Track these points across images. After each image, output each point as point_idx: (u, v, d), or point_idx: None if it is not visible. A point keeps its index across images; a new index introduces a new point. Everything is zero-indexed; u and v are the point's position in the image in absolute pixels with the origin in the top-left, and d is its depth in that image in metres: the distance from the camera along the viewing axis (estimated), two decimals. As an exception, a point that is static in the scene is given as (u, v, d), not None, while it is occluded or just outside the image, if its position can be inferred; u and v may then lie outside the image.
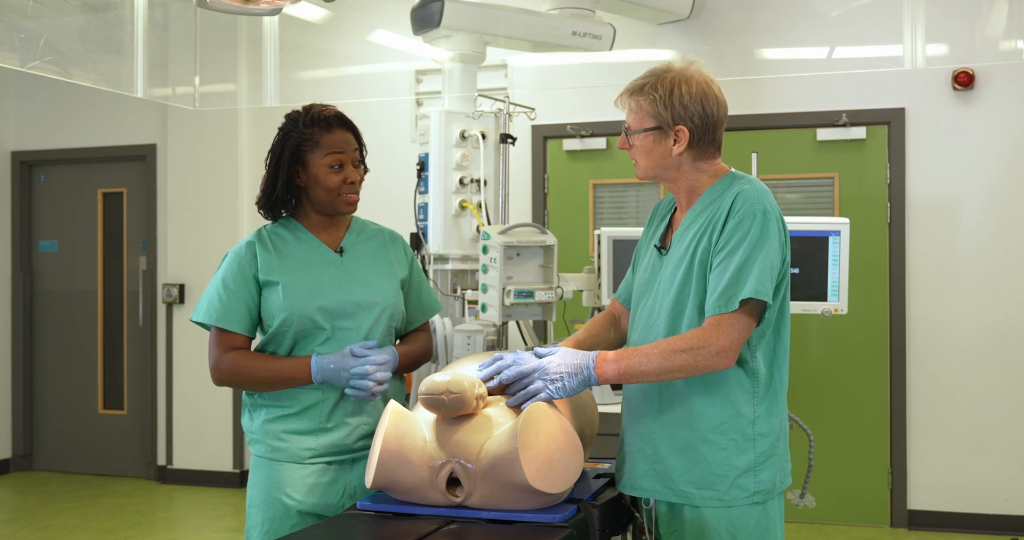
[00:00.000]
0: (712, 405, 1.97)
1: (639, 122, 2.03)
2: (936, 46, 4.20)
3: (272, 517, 2.23)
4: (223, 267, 2.28)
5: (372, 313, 2.28)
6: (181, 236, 6.02)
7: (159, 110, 6.05)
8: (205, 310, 2.25)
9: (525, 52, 4.45)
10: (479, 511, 1.90)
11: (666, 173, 2.06)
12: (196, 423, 5.99)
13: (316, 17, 4.35)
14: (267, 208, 2.32)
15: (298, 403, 2.24)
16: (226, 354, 2.24)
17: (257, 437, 2.28)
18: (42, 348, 6.49)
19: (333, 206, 2.30)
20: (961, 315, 4.83)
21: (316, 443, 2.24)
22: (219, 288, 2.25)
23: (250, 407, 2.31)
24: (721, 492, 1.96)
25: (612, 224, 5.23)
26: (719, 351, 1.88)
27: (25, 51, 3.15)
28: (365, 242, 2.38)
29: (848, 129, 4.94)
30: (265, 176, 2.32)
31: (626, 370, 1.92)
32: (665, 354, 1.90)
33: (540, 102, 4.35)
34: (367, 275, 2.32)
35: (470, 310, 3.41)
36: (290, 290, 2.22)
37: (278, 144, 2.30)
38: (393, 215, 5.07)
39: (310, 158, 2.26)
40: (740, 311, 1.90)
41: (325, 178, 2.26)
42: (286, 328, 2.23)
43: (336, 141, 2.28)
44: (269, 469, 2.26)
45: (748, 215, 1.93)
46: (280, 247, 2.29)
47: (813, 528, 4.93)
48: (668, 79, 2.01)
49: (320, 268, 2.28)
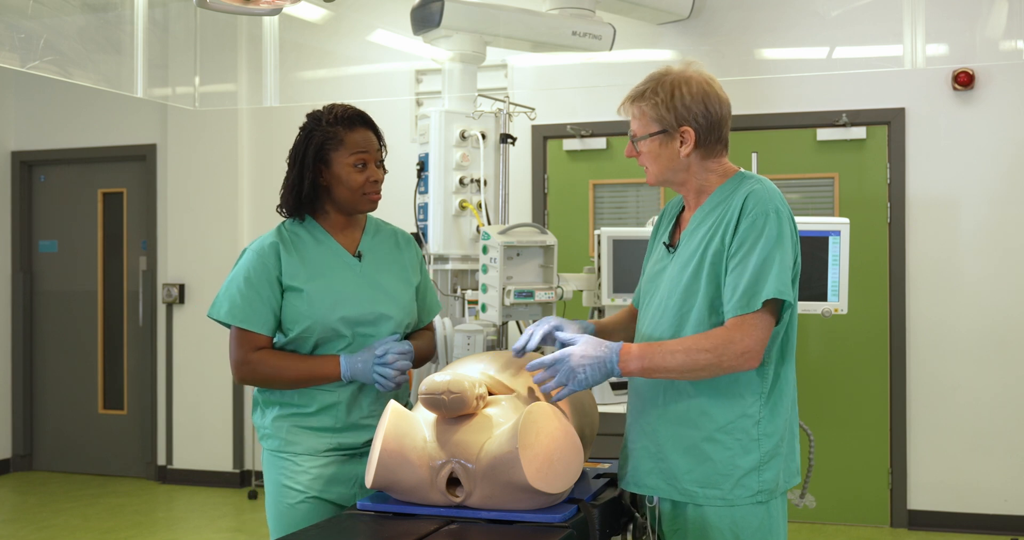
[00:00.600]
0: (719, 405, 1.97)
1: (644, 128, 2.04)
2: (936, 46, 4.20)
3: (286, 508, 2.26)
4: (245, 265, 2.26)
5: (392, 322, 2.31)
6: (181, 236, 6.02)
7: (159, 110, 6.05)
8: (228, 309, 2.24)
9: (525, 52, 4.44)
10: (479, 511, 1.91)
11: (676, 176, 2.06)
12: (196, 423, 5.99)
13: (316, 17, 4.35)
14: (293, 208, 2.30)
15: (315, 403, 2.27)
16: (252, 354, 2.24)
17: (270, 432, 2.30)
18: (42, 348, 6.49)
19: (356, 205, 2.30)
20: (961, 315, 4.83)
21: (330, 441, 2.27)
22: (241, 287, 2.24)
23: (263, 404, 2.33)
24: (725, 491, 1.96)
25: (612, 224, 5.23)
26: (743, 352, 1.89)
27: (25, 51, 3.15)
28: (380, 245, 2.39)
29: (848, 129, 4.94)
30: (289, 176, 2.30)
31: (650, 366, 1.93)
32: (690, 352, 1.90)
33: (540, 102, 4.35)
34: (386, 283, 2.34)
35: (470, 310, 3.40)
36: (314, 298, 2.23)
37: (301, 143, 2.28)
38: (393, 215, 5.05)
39: (334, 157, 2.26)
40: (762, 311, 1.90)
41: (349, 177, 2.26)
42: (308, 335, 2.25)
43: (359, 140, 2.27)
44: (282, 462, 2.28)
45: (761, 215, 1.93)
46: (301, 249, 2.28)
47: (813, 528, 4.93)
48: (668, 82, 2.02)
49: (341, 275, 2.29)
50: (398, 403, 2.06)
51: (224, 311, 2.24)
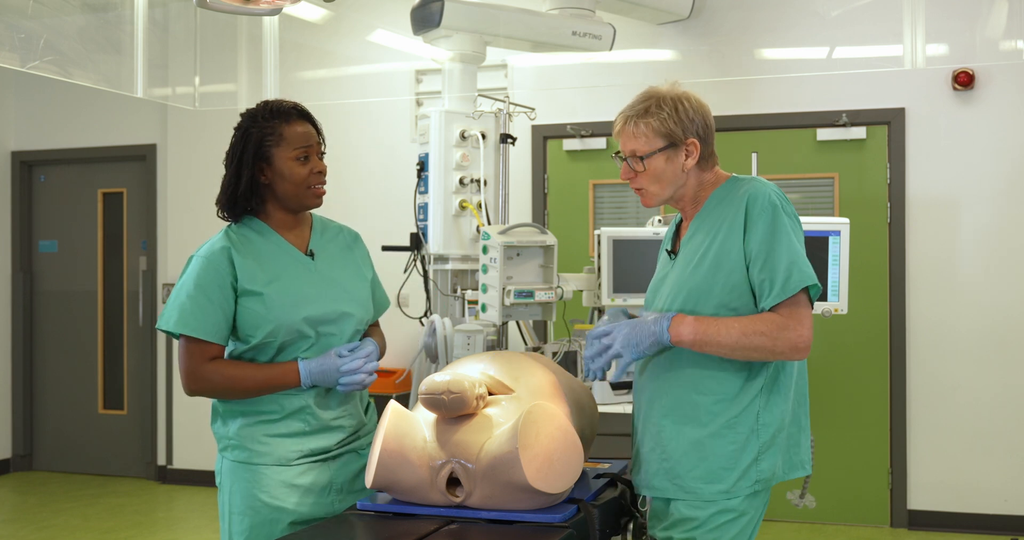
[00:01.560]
0: (721, 402, 1.99)
1: (649, 145, 2.06)
2: (936, 46, 4.20)
3: (257, 522, 2.18)
4: (193, 272, 2.17)
5: (354, 318, 2.27)
6: (181, 236, 6.02)
7: (159, 110, 6.05)
8: (177, 319, 2.13)
9: (525, 52, 4.45)
10: (479, 511, 1.91)
11: (676, 192, 2.09)
12: (196, 423, 5.98)
13: (316, 17, 4.36)
14: (229, 209, 2.25)
15: (281, 409, 2.19)
16: (205, 365, 2.14)
17: (235, 442, 2.20)
18: (42, 348, 6.49)
19: (301, 200, 2.24)
20: (961, 315, 4.83)
21: (301, 446, 2.20)
22: (191, 295, 2.14)
23: (223, 414, 2.23)
24: (729, 484, 1.98)
25: (612, 224, 5.23)
26: (797, 341, 1.91)
27: (25, 51, 3.15)
28: (330, 243, 2.34)
29: (848, 129, 4.94)
30: (226, 175, 2.25)
31: (704, 336, 1.94)
32: (746, 331, 1.92)
33: (540, 102, 4.35)
34: (342, 280, 2.30)
35: (470, 310, 3.41)
36: (274, 301, 2.16)
37: (238, 142, 2.23)
38: (393, 215, 5.09)
39: (275, 153, 2.20)
40: (804, 302, 1.94)
41: (292, 172, 2.21)
42: (271, 340, 2.17)
43: (299, 133, 2.22)
44: (251, 474, 2.19)
45: (770, 206, 1.97)
46: (254, 252, 2.22)
47: (813, 528, 4.93)
48: (668, 98, 2.06)
49: (297, 275, 2.23)
50: (398, 403, 2.05)
51: (173, 321, 2.13)
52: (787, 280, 1.92)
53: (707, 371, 1.99)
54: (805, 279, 1.93)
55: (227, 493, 2.23)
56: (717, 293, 1.98)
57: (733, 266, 1.97)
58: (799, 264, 1.94)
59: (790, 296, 1.92)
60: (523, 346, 3.70)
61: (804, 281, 1.92)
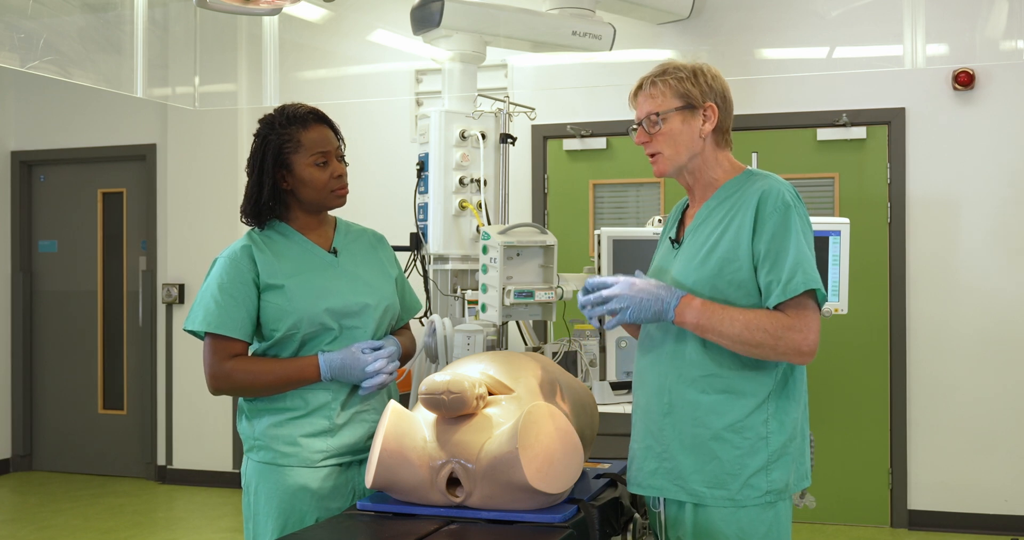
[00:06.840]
0: (727, 402, 1.94)
1: (667, 104, 2.02)
2: (936, 46, 4.20)
3: (282, 524, 2.18)
4: (217, 272, 2.20)
5: (378, 311, 2.28)
6: (181, 236, 6.02)
7: (159, 110, 6.05)
8: (202, 318, 2.16)
9: (525, 52, 4.44)
10: (479, 511, 1.90)
11: (691, 161, 2.04)
12: (196, 423, 5.99)
13: (316, 17, 4.35)
14: (254, 216, 2.27)
15: (306, 404, 2.21)
16: (226, 362, 2.17)
17: (261, 443, 2.21)
18: (42, 348, 6.49)
19: (323, 203, 2.27)
20: (961, 315, 4.83)
21: (327, 445, 2.21)
22: (215, 294, 2.17)
23: (249, 413, 2.25)
24: (733, 491, 1.93)
25: (612, 224, 5.23)
26: (799, 347, 1.88)
27: (25, 51, 3.15)
28: (353, 243, 2.37)
29: (848, 129, 4.94)
30: (249, 184, 2.27)
31: (707, 323, 1.90)
32: (749, 325, 1.88)
33: (540, 102, 4.35)
34: (365, 275, 2.32)
35: (470, 310, 3.40)
36: (295, 293, 2.19)
37: (258, 150, 2.25)
38: (393, 215, 5.09)
39: (294, 160, 2.22)
40: (811, 306, 1.91)
41: (312, 177, 2.23)
42: (295, 331, 2.19)
43: (317, 138, 2.24)
44: (278, 475, 2.20)
45: (783, 206, 1.94)
46: (275, 250, 2.24)
47: (813, 528, 4.93)
48: (687, 65, 2.04)
49: (320, 270, 2.26)
50: (398, 403, 2.05)
51: (199, 321, 2.16)
52: (790, 281, 1.88)
53: (712, 369, 1.95)
54: (809, 282, 1.89)
55: (252, 494, 2.24)
56: (722, 289, 1.94)
57: (740, 264, 1.93)
58: (804, 266, 1.90)
59: (792, 297, 1.88)
60: (523, 346, 3.70)
61: (807, 284, 1.88)
